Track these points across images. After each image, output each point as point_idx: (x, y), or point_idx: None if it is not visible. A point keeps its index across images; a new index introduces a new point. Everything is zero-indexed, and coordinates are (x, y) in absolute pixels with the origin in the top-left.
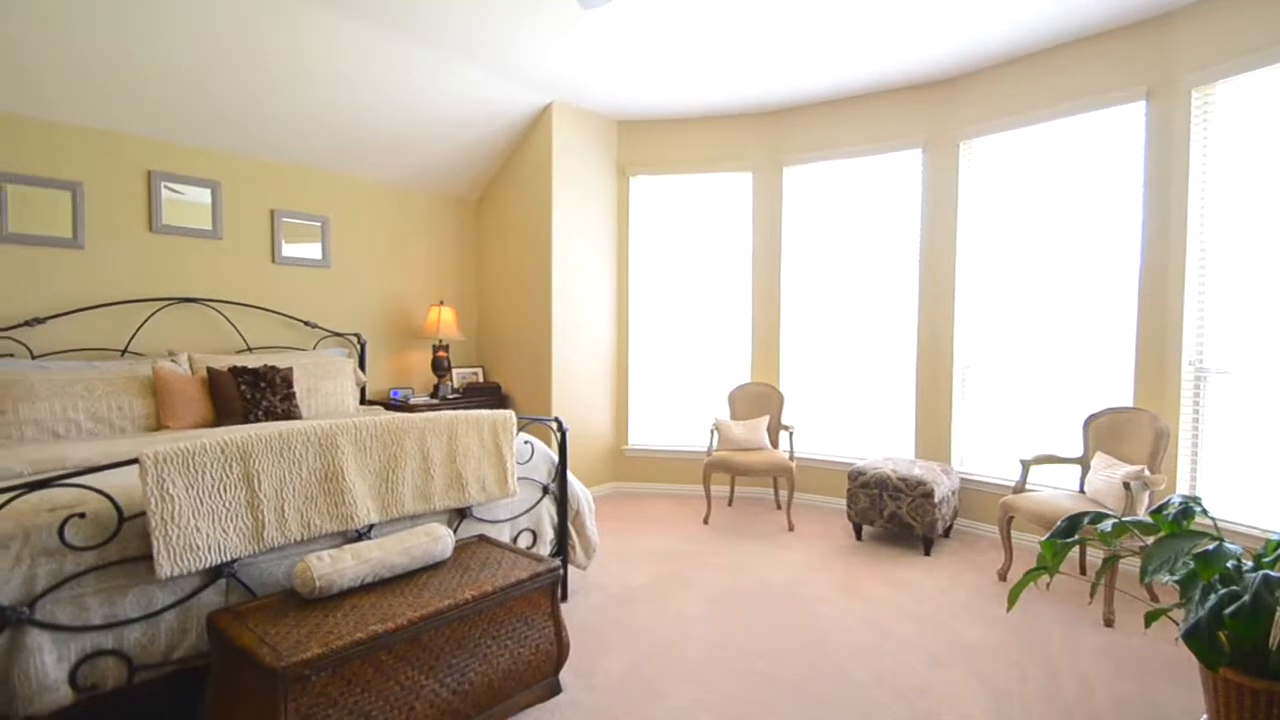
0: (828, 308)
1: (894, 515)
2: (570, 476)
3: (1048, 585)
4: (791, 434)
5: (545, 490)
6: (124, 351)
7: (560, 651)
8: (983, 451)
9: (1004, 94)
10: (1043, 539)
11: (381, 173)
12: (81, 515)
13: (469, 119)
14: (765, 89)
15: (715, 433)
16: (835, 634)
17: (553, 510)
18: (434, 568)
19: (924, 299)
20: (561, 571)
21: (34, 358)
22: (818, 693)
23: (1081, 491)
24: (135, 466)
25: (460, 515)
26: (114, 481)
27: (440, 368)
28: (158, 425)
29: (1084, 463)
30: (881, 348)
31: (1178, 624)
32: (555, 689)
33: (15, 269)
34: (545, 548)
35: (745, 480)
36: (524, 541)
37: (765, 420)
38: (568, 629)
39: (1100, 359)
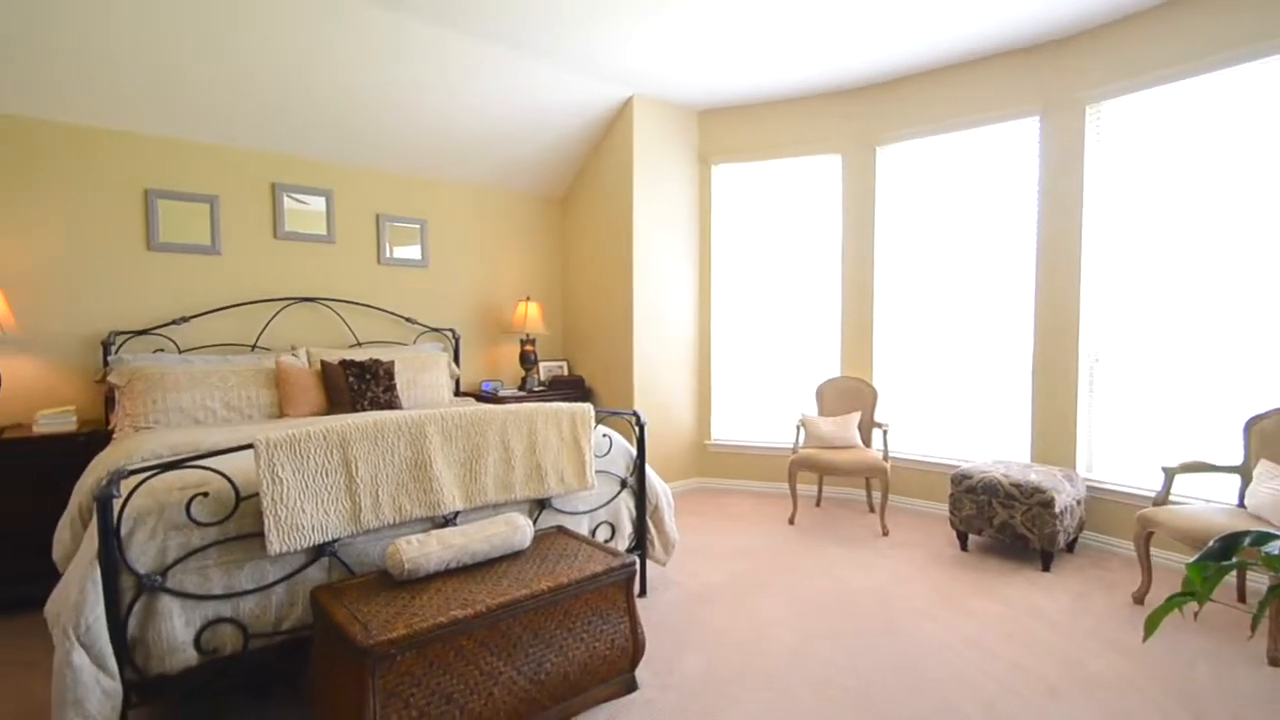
0: (928, 296)
1: (1006, 525)
2: (649, 471)
3: (1195, 614)
4: (885, 432)
5: (624, 484)
6: (253, 346)
7: (636, 648)
8: (1115, 456)
9: (1142, 47)
10: (1190, 560)
11: (473, 175)
12: (205, 494)
13: (553, 118)
14: (855, 64)
15: (801, 429)
16: (933, 652)
17: (631, 504)
18: (513, 556)
19: (1042, 282)
20: (637, 567)
21: (180, 353)
22: (910, 717)
23: (1241, 506)
24: (249, 451)
25: (540, 506)
26: (234, 464)
27: (527, 361)
28: (280, 413)
29: (1244, 472)
30: (991, 338)
31: None
32: (631, 685)
33: (166, 274)
34: (624, 541)
35: (834, 480)
36: (602, 534)
37: (856, 417)
38: (644, 625)
39: (1266, 349)
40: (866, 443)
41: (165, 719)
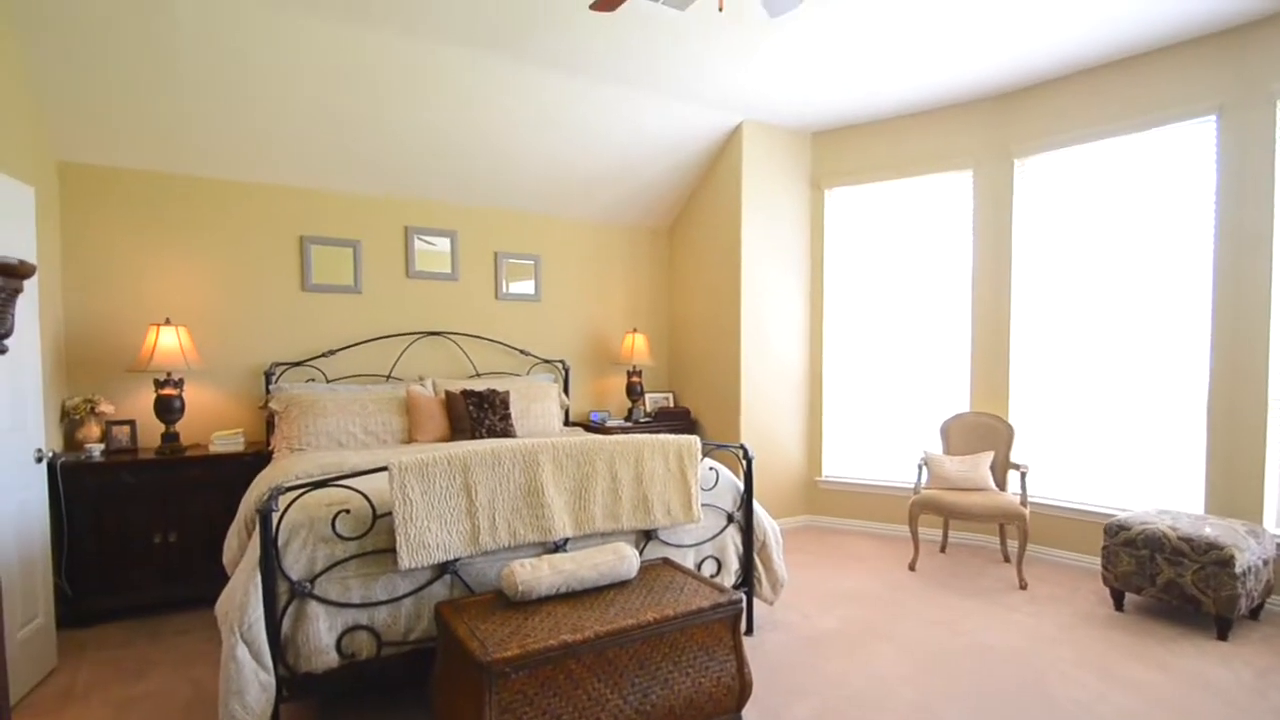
0: (1076, 323)
1: (1172, 584)
2: (757, 507)
3: None
4: (1024, 474)
5: (730, 519)
6: (388, 376)
7: (743, 687)
8: None
9: None
10: None
11: (584, 211)
12: (347, 511)
13: (661, 150)
14: (988, 69)
15: (923, 468)
16: None
17: (738, 539)
18: (620, 585)
19: (1220, 305)
20: (744, 604)
21: (328, 382)
22: None
23: None
24: (385, 473)
25: (646, 536)
26: (371, 485)
27: (634, 392)
28: (409, 438)
29: None
30: (1153, 370)
31: None
32: None
33: (317, 311)
34: (730, 577)
35: (962, 525)
36: (708, 569)
37: (988, 456)
38: (752, 666)
39: None
40: (1001, 485)
41: (309, 716)
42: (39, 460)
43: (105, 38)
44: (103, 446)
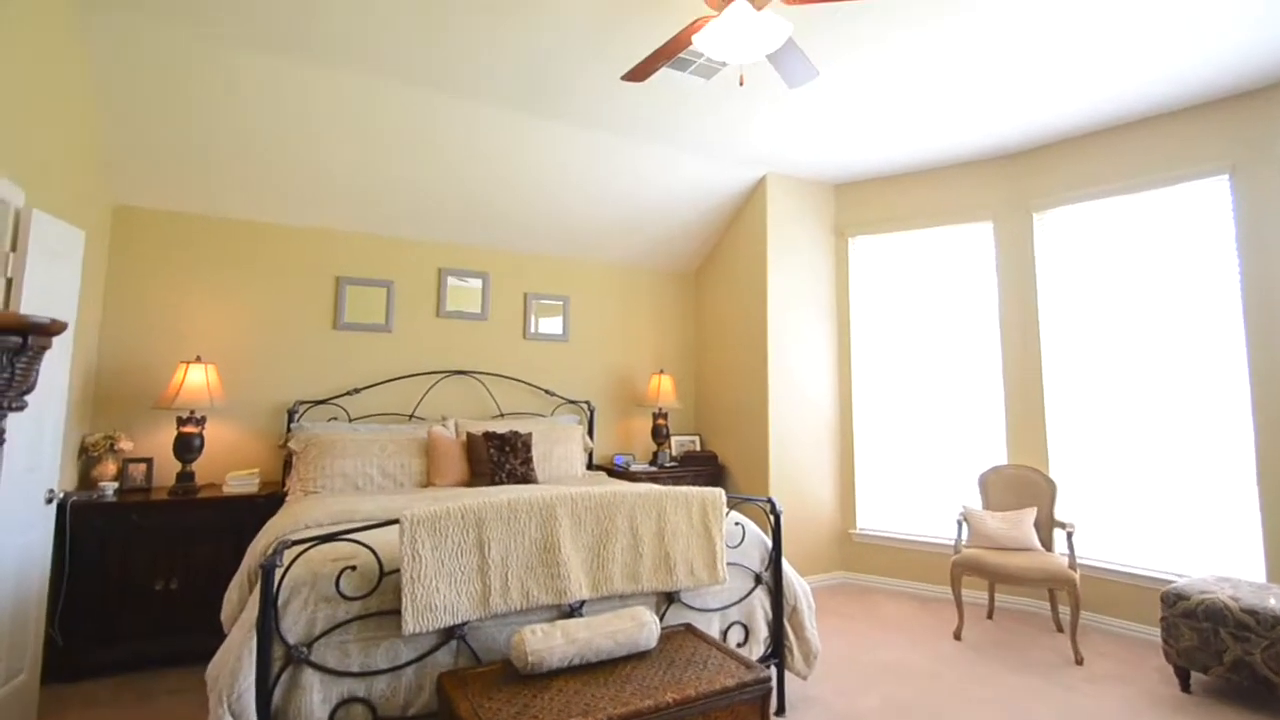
0: (1110, 375)
1: (1240, 663)
2: (787, 567)
3: None
4: (1070, 534)
5: (758, 580)
6: (411, 416)
7: None
8: None
9: None
10: None
11: (613, 254)
12: (353, 568)
13: (687, 200)
14: (1006, 129)
15: (963, 524)
16: None
17: (766, 604)
18: (638, 657)
19: (1256, 359)
20: (774, 682)
21: (350, 421)
22: None
23: None
24: (392, 525)
25: (668, 599)
26: (380, 538)
27: (659, 435)
28: (428, 482)
29: None
30: (1196, 424)
31: None
32: None
33: (346, 350)
34: (758, 646)
35: (1008, 588)
36: (735, 636)
37: (1031, 513)
38: None
39: None
40: (1046, 544)
41: None
42: (49, 501)
43: (175, 94)
44: (116, 484)
